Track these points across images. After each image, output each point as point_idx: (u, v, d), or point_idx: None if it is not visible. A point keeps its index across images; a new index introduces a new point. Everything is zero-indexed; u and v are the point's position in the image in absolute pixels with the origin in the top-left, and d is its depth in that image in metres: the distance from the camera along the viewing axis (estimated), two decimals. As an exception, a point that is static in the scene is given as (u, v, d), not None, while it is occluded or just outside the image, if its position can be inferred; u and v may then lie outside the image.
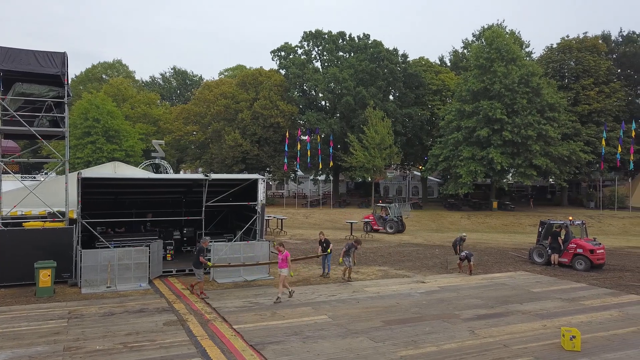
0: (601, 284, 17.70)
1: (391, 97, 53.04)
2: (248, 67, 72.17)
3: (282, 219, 34.42)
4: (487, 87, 41.04)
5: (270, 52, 54.98)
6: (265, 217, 27.47)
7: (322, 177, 57.11)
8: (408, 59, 52.93)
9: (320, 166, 48.78)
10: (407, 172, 61.47)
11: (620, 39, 52.57)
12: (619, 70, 50.79)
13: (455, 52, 60.36)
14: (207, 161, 52.87)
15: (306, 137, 48.82)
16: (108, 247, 16.61)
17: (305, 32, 53.74)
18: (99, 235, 17.41)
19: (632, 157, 43.55)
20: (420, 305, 14.13)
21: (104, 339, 10.69)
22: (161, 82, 78.98)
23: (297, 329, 11.65)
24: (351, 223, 32.75)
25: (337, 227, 38.52)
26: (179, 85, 79.62)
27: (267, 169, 53.24)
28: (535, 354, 10.16)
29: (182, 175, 55.95)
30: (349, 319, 12.64)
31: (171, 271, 18.12)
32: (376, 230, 34.94)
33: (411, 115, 49.33)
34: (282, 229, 33.51)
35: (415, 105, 50.90)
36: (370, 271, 19.78)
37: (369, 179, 50.27)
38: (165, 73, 79.74)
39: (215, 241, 18.26)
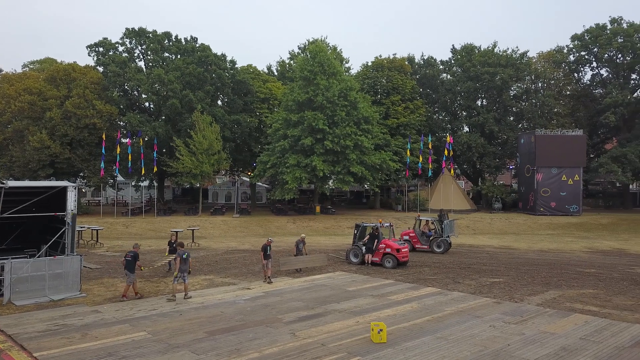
0: (405, 279, 19.92)
1: (219, 103, 52.63)
2: (59, 61, 64.82)
3: (97, 230, 31.61)
4: (311, 99, 43.35)
5: (87, 47, 50.17)
6: (78, 229, 25.03)
7: (146, 183, 53.97)
8: (236, 66, 53.14)
9: (143, 171, 46.06)
10: (236, 178, 61.58)
11: (422, 62, 60.17)
12: (420, 90, 58.00)
13: (282, 62, 62.50)
14: (6, 165, 45.98)
15: (127, 140, 45.65)
16: None
17: (127, 29, 50.31)
18: None
19: (430, 166, 50.24)
20: (244, 312, 14.24)
21: None
22: (-56, 70, 66.38)
23: (112, 350, 10.81)
24: (177, 232, 31.48)
25: (161, 236, 36.71)
26: (-31, 75, 67.87)
27: (81, 174, 48.39)
28: (349, 349, 10.99)
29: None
30: (171, 333, 12.16)
31: (-48, 296, 15.33)
32: (418, 250, 28.14)
33: (240, 121, 49.56)
34: (97, 241, 30.77)
35: (244, 112, 51.28)
36: (196, 281, 19.30)
37: (197, 185, 49.08)
38: (-49, 60, 67.34)
39: (13, 258, 15.99)
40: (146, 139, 45.41)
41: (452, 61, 58.51)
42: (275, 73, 62.35)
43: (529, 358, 10.48)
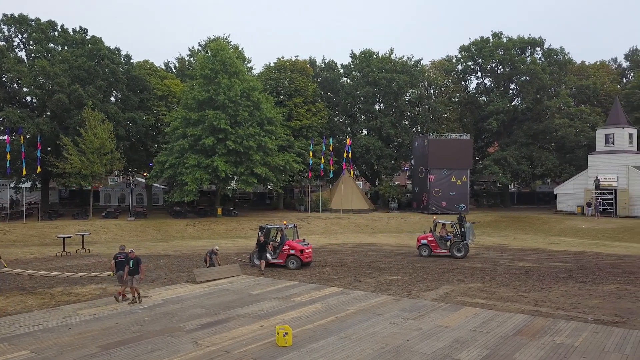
0: (309, 280, 20.11)
1: (113, 99, 49.54)
2: None
3: (-31, 237, 28.23)
4: (212, 97, 42.28)
5: (-46, 32, 44.76)
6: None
7: (27, 185, 49.24)
8: (132, 61, 50.36)
9: (25, 172, 41.95)
10: (131, 179, 58.34)
11: (323, 65, 61.33)
12: (322, 93, 59.07)
13: (181, 59, 60.37)
14: None
15: (5, 138, 41.31)
16: None
17: (5, 15, 45.50)
18: None
19: (332, 167, 51.40)
20: (142, 323, 13.48)
21: None
22: None
23: (-13, 374, 9.67)
24: (64, 237, 29.10)
25: (46, 242, 33.75)
26: None
27: (-52, 175, 42.98)
28: (254, 355, 10.82)
29: None
30: (58, 349, 11.16)
31: None
32: (436, 255, 27.01)
33: (135, 119, 47.00)
34: (-31, 249, 27.47)
35: (140, 110, 48.71)
36: (86, 291, 17.94)
37: (88, 187, 45.73)
38: None
39: None
40: (28, 136, 41.45)
41: (352, 66, 60.32)
42: (174, 70, 60.06)
43: (427, 352, 11.04)
